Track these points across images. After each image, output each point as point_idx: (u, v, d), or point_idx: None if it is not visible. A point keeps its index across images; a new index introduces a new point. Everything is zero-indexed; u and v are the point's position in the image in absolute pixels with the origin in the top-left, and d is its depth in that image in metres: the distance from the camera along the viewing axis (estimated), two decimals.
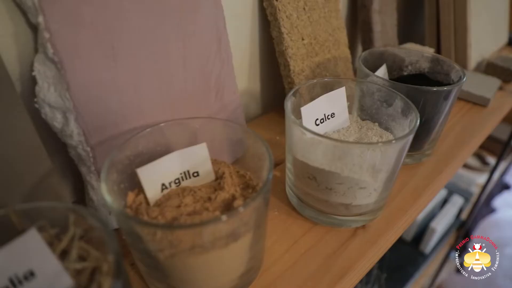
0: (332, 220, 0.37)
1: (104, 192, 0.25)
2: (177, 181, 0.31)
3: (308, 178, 0.35)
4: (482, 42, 0.72)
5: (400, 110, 0.39)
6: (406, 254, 0.98)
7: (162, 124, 0.32)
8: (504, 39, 0.84)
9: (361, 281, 0.80)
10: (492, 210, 1.75)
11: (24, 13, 0.31)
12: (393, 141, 0.33)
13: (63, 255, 0.24)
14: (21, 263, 0.22)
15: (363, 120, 0.42)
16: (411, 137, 0.33)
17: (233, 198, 0.30)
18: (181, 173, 0.31)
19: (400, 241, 1.03)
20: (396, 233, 0.40)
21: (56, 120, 0.32)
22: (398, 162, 0.35)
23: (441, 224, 0.97)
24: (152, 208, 0.29)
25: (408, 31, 0.77)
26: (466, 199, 1.12)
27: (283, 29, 0.47)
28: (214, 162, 0.33)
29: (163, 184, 0.31)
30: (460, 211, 1.12)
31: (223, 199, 0.30)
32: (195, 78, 0.38)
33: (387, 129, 0.40)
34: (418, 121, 0.35)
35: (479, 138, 0.56)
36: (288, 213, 0.39)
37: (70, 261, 0.23)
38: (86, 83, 0.31)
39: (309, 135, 0.32)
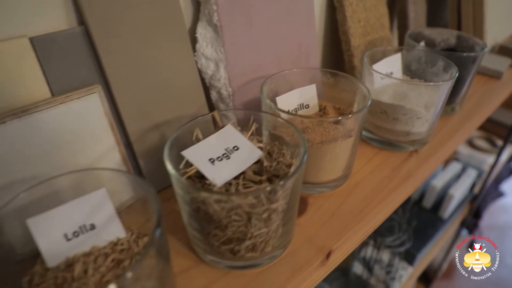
0: (394, 147, 0.52)
1: (266, 101, 0.40)
2: (295, 109, 0.46)
3: (380, 113, 0.50)
4: (496, 29, 0.86)
5: (442, 68, 0.53)
6: (427, 219, 1.12)
7: (283, 72, 0.47)
8: None
9: (393, 231, 0.95)
10: (500, 194, 1.89)
11: None
12: (440, 82, 0.47)
13: None
14: (229, 142, 0.37)
15: (412, 78, 0.57)
16: (452, 82, 0.48)
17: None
18: (298, 104, 0.46)
19: (421, 208, 1.17)
20: (439, 159, 0.54)
21: (209, 68, 0.47)
22: (443, 102, 0.49)
23: (458, 191, 1.10)
24: None
25: (434, 19, 0.91)
26: (479, 175, 1.26)
27: (347, 13, 0.61)
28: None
29: (288, 110, 0.45)
30: (474, 185, 1.26)
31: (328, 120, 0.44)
32: (292, 46, 0.53)
33: None
34: (457, 73, 0.49)
35: (495, 102, 0.71)
36: (361, 143, 0.54)
37: (254, 142, 0.38)
38: (234, 41, 0.46)
39: (386, 79, 0.47)
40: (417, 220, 1.06)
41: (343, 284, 0.98)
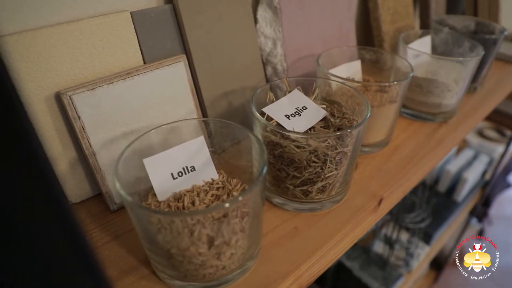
0: (425, 119, 0.58)
1: (324, 69, 0.46)
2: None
3: (415, 86, 0.56)
4: (510, 19, 0.93)
5: (468, 48, 0.59)
6: (441, 203, 1.18)
7: (334, 49, 0.53)
8: None
9: (414, 208, 1.01)
10: (508, 185, 1.95)
11: None
12: (469, 58, 0.54)
13: None
14: (298, 103, 0.43)
15: None
16: (479, 58, 0.54)
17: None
18: (346, 77, 0.52)
19: (436, 192, 1.23)
20: (465, 130, 0.61)
21: (267, 46, 0.53)
22: (471, 77, 0.56)
23: (471, 175, 1.17)
24: None
25: (452, 9, 0.98)
26: (490, 162, 1.32)
27: (378, 1, 0.68)
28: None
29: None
30: (485, 171, 1.32)
31: (376, 89, 0.50)
32: (335, 28, 0.59)
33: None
34: (484, 50, 0.55)
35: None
36: None
37: (319, 103, 0.44)
38: (289, 22, 0.52)
39: (419, 58, 0.53)
40: (433, 204, 1.12)
41: (364, 261, 1.04)
